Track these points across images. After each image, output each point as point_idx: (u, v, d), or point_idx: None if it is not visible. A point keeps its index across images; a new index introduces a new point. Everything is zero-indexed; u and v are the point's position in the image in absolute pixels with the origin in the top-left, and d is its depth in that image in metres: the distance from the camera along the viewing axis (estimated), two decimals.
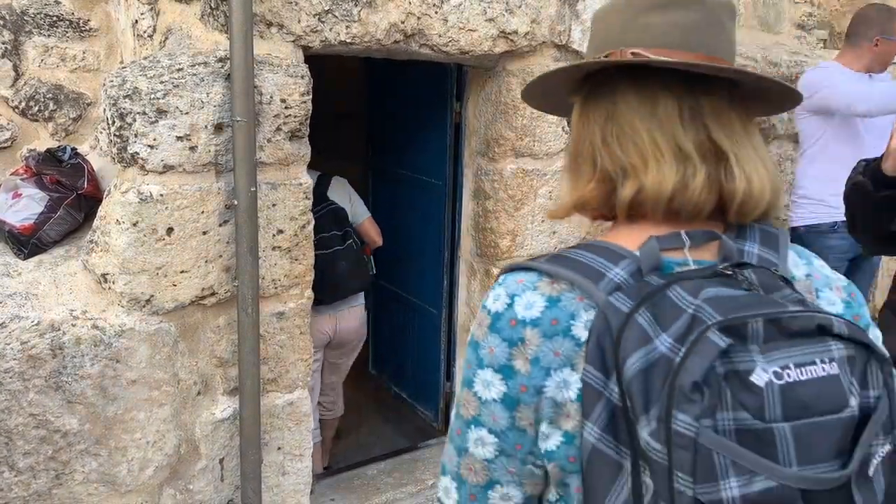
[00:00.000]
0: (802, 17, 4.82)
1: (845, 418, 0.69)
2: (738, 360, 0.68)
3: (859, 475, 0.69)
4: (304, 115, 2.27)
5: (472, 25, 2.57)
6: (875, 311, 4.73)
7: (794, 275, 0.86)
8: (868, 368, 0.72)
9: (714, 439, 0.66)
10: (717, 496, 0.65)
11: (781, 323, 0.70)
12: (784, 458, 0.67)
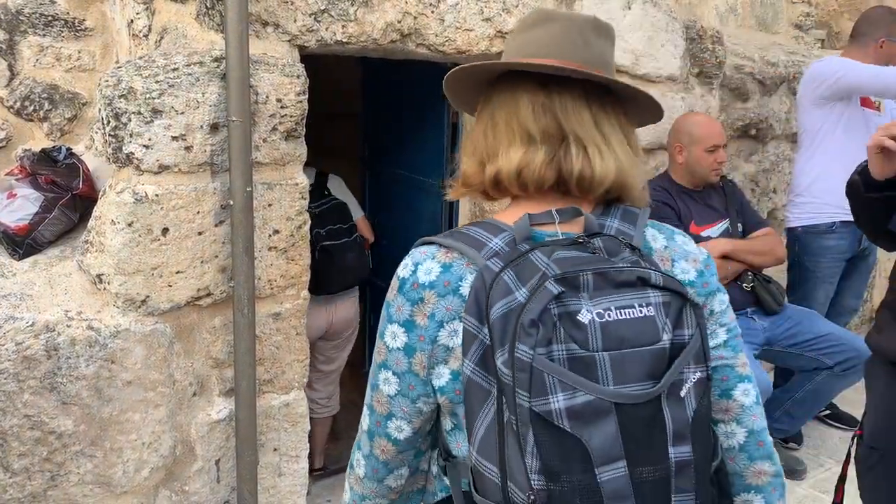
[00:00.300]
0: (800, 17, 4.82)
1: (656, 350, 0.88)
2: (570, 303, 0.87)
3: (670, 394, 0.89)
4: (299, 114, 2.27)
5: (469, 25, 2.56)
6: (872, 312, 4.73)
7: (651, 246, 1.05)
8: (683, 312, 0.91)
9: (545, 363, 0.85)
10: (547, 408, 0.85)
11: (608, 276, 0.89)
12: (603, 379, 0.86)
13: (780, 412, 2.95)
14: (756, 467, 1.04)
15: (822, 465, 3.19)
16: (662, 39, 3.17)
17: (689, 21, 3.32)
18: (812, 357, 2.85)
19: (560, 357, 0.86)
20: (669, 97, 3.26)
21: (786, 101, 3.85)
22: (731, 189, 3.18)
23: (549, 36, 1.04)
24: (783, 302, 3.01)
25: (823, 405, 3.07)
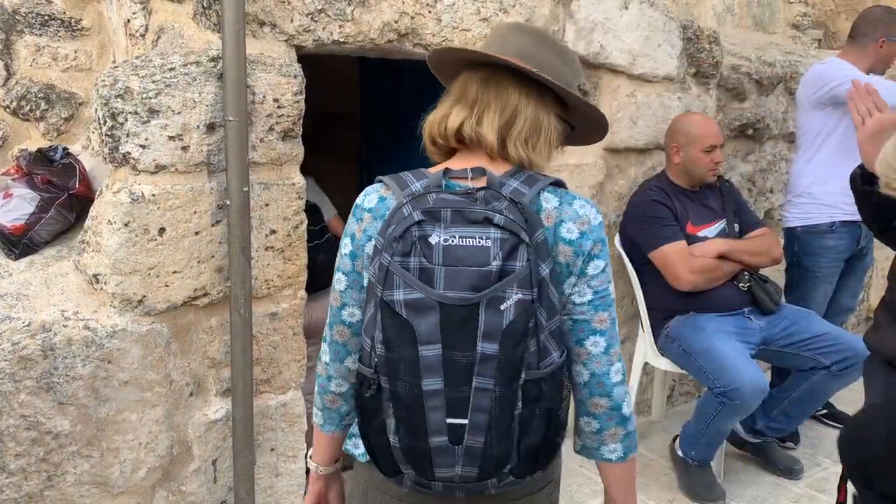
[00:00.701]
0: (797, 17, 4.83)
1: (484, 271, 1.15)
2: (427, 229, 1.17)
3: (489, 305, 1.14)
4: (296, 114, 2.26)
5: (466, 25, 2.57)
6: (868, 311, 4.74)
7: (543, 206, 1.28)
8: (517, 248, 1.15)
9: (397, 268, 1.16)
10: (391, 298, 1.16)
11: (463, 213, 1.18)
12: (437, 285, 1.15)
13: (777, 412, 2.96)
14: (594, 401, 1.31)
15: (819, 464, 3.20)
16: (659, 39, 3.17)
17: (685, 21, 3.32)
18: (809, 357, 2.85)
19: (413, 266, 1.16)
20: (666, 97, 3.26)
21: (783, 101, 3.85)
22: (728, 189, 3.18)
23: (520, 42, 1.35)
24: (780, 302, 3.02)
25: (820, 405, 3.08)
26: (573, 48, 2.89)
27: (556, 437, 1.26)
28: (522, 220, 1.17)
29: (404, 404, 1.18)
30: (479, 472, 1.19)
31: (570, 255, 1.26)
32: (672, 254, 2.88)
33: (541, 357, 1.18)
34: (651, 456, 3.22)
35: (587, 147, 3.07)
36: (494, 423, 1.16)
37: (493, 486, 1.22)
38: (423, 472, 1.20)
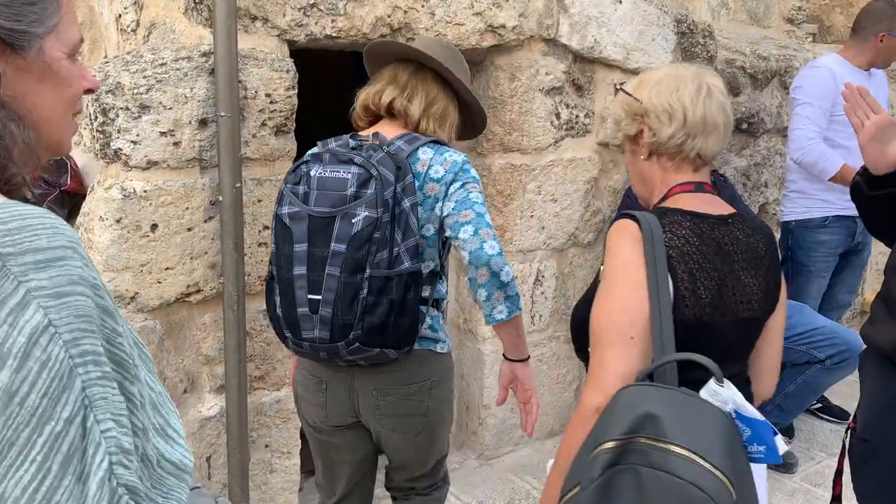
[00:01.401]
0: (792, 12, 4.82)
1: (341, 195, 1.61)
2: (312, 167, 1.67)
3: (343, 217, 1.60)
4: (289, 109, 2.25)
5: (460, 19, 2.56)
6: (863, 306, 4.74)
7: (419, 157, 1.72)
8: (369, 181, 1.60)
9: (288, 192, 1.67)
10: (281, 212, 1.66)
11: (338, 157, 1.66)
12: (310, 203, 1.63)
13: (772, 405, 2.96)
14: (478, 272, 1.66)
15: (814, 458, 3.20)
16: (653, 33, 3.16)
17: (680, 15, 3.32)
18: (804, 350, 2.86)
19: (301, 192, 1.65)
20: None
21: (777, 96, 3.85)
22: (723, 183, 3.18)
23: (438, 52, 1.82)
24: None
25: (815, 398, 3.08)
26: (567, 42, 2.89)
27: (401, 325, 1.64)
28: (392, 166, 1.63)
29: (283, 285, 1.66)
30: (330, 335, 1.62)
31: (437, 188, 1.71)
32: None
33: (392, 263, 1.60)
34: None
35: (582, 142, 3.07)
36: (339, 301, 1.60)
37: (344, 349, 1.63)
38: (296, 335, 1.67)
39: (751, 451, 1.23)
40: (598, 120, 3.11)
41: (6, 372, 0.64)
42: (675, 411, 1.15)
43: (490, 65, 2.83)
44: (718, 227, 1.41)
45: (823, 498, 2.87)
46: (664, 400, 1.18)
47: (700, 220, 1.40)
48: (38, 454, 0.65)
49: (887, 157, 1.58)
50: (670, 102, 1.42)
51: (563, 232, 3.09)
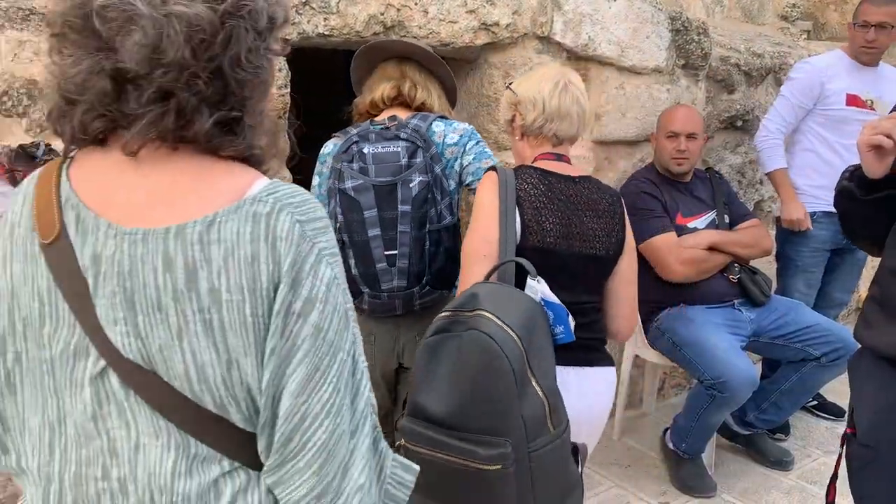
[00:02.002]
0: (786, 9, 4.82)
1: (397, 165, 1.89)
2: (362, 145, 1.91)
3: (403, 183, 1.87)
4: (282, 107, 2.24)
5: (453, 17, 2.54)
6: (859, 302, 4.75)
7: (434, 130, 1.99)
8: (416, 151, 1.90)
9: (345, 168, 1.89)
10: (344, 186, 1.88)
11: (382, 134, 1.92)
12: (370, 175, 1.88)
13: (768, 403, 2.95)
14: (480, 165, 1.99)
15: (810, 455, 3.20)
16: (648, 31, 3.15)
17: (674, 12, 3.31)
18: (799, 348, 2.85)
19: (356, 167, 1.88)
20: (655, 89, 3.25)
21: (772, 93, 3.85)
22: (718, 180, 3.17)
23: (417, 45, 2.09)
24: (770, 294, 3.01)
25: (810, 396, 3.08)
26: (561, 40, 2.88)
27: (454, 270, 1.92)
28: (420, 138, 1.90)
29: (358, 248, 1.89)
30: (407, 283, 1.89)
31: (456, 150, 1.99)
32: (662, 245, 2.88)
33: (439, 218, 1.90)
34: (642, 448, 3.22)
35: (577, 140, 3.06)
36: (413, 252, 1.88)
37: (418, 294, 1.91)
38: (374, 288, 1.90)
39: (556, 334, 1.64)
40: (593, 118, 3.11)
41: (315, 313, 0.82)
42: (493, 294, 1.56)
43: (484, 63, 2.82)
44: (566, 182, 1.85)
45: (819, 495, 2.87)
46: (489, 288, 1.60)
47: (550, 175, 1.84)
48: (333, 377, 0.83)
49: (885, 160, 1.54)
50: (534, 94, 1.87)
51: None
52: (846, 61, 3.23)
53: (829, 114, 3.22)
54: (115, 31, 0.79)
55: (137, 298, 0.81)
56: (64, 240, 0.82)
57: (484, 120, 2.88)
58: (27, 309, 0.84)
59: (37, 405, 0.86)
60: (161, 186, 0.84)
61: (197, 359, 0.81)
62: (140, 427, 0.83)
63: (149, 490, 0.83)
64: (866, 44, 3.13)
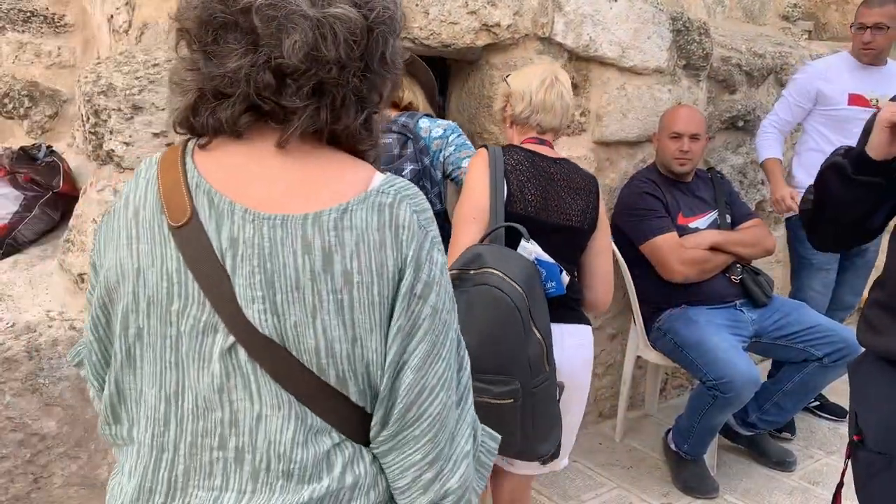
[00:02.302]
0: (787, 9, 4.82)
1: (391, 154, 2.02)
2: None
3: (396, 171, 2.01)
4: None
5: (454, 18, 2.54)
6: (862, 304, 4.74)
7: (421, 126, 2.12)
8: (407, 142, 2.04)
9: None
10: None
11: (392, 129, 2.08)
12: None
13: (770, 404, 2.95)
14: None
15: (812, 456, 3.19)
16: (649, 31, 3.15)
17: (675, 13, 3.31)
18: (801, 349, 2.85)
19: None
20: (656, 89, 3.25)
21: (773, 93, 3.84)
22: (720, 180, 3.17)
23: None
24: (771, 294, 3.01)
25: (813, 396, 3.07)
26: (562, 41, 2.88)
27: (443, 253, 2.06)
28: (409, 132, 2.02)
29: None
30: None
31: (441, 142, 2.12)
32: (663, 246, 2.87)
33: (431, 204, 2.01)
34: (644, 449, 3.21)
35: (578, 140, 3.06)
36: None
37: None
38: None
39: (547, 288, 1.85)
40: (594, 118, 3.10)
41: (433, 295, 0.91)
42: (495, 254, 1.79)
43: (485, 64, 2.82)
44: (547, 162, 2.07)
45: (822, 496, 2.87)
46: (490, 249, 1.82)
47: (534, 155, 2.06)
48: (446, 353, 0.92)
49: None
50: (523, 88, 2.07)
51: None
52: (850, 62, 3.25)
53: (832, 114, 3.23)
54: (276, 29, 0.85)
55: (277, 279, 0.86)
56: (196, 223, 0.88)
57: (485, 121, 2.88)
58: (154, 288, 0.89)
59: (155, 379, 0.92)
60: (298, 176, 0.90)
61: (327, 335, 0.87)
62: (263, 399, 0.88)
63: (267, 458, 0.89)
64: (864, 45, 3.17)
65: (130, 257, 0.91)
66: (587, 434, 3.35)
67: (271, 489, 0.89)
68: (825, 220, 1.68)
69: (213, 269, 0.87)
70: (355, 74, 0.89)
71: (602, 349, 3.41)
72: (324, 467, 0.91)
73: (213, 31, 0.87)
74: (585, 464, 3.08)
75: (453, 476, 0.93)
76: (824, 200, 1.65)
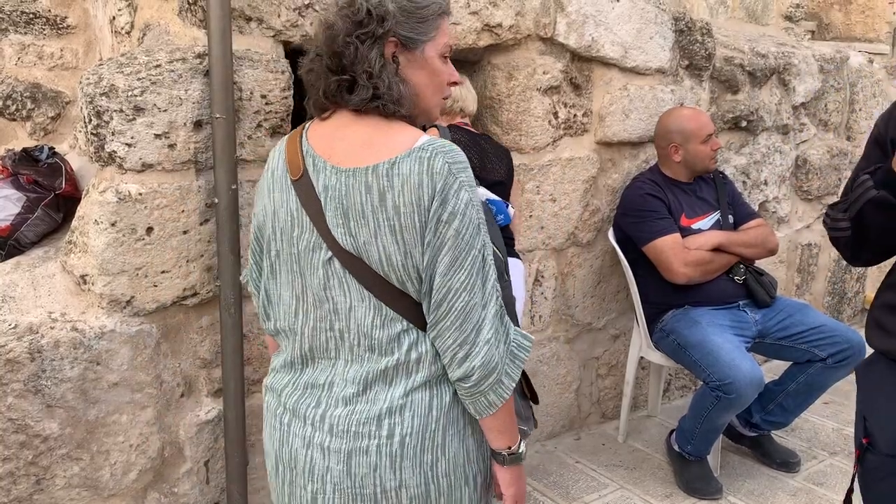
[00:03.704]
0: (790, 9, 4.81)
1: None
2: None
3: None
4: (284, 111, 2.24)
5: (456, 18, 2.54)
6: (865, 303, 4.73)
7: None
8: None
9: None
10: None
11: None
12: None
13: (773, 405, 2.94)
14: None
15: (816, 457, 3.18)
16: (651, 32, 3.15)
17: (677, 13, 3.30)
18: (805, 349, 2.84)
19: None
20: (659, 90, 3.24)
21: (776, 93, 3.83)
22: (722, 181, 3.16)
23: None
24: (775, 294, 3.00)
25: (817, 397, 3.06)
26: (564, 41, 2.87)
27: None
28: None
29: None
30: None
31: None
32: (666, 247, 2.87)
33: None
34: (647, 450, 3.21)
35: (580, 141, 3.06)
36: None
37: None
38: None
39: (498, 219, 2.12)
40: (597, 119, 3.10)
41: (456, 222, 1.22)
42: None
43: (487, 64, 2.82)
44: (476, 136, 2.57)
45: (826, 497, 2.86)
46: None
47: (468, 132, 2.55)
48: (468, 265, 1.24)
49: None
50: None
51: (562, 231, 3.07)
52: None
53: None
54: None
55: (350, 211, 1.24)
56: (306, 177, 1.29)
57: (487, 121, 2.88)
58: (283, 221, 1.31)
59: (287, 284, 1.34)
60: (364, 139, 1.28)
61: (386, 250, 1.24)
62: (352, 295, 1.28)
63: (357, 336, 1.29)
64: None
65: (271, 203, 1.33)
66: (590, 435, 3.34)
67: (362, 359, 1.30)
68: (869, 246, 1.61)
69: (316, 207, 1.27)
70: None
71: (605, 350, 3.40)
72: (395, 345, 1.28)
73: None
74: (588, 465, 3.07)
75: (477, 358, 1.25)
76: (866, 233, 1.58)
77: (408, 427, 1.29)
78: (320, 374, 1.33)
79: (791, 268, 4.22)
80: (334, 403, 1.31)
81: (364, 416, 1.29)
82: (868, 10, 5.20)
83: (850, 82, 4.33)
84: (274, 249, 1.34)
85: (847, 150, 4.34)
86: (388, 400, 1.28)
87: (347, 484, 1.30)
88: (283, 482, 1.37)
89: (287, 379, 1.38)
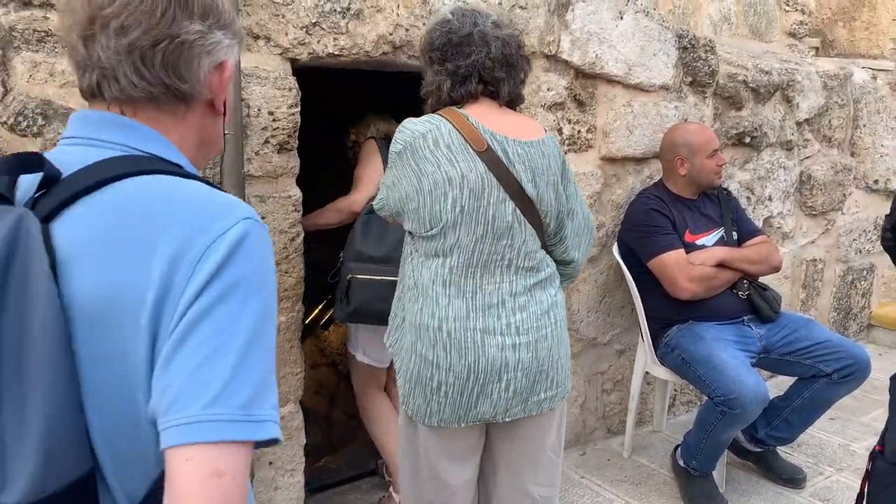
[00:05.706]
0: (794, 26, 4.84)
1: None
2: None
3: None
4: (292, 127, 2.27)
5: None
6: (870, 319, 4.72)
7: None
8: None
9: None
10: None
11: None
12: None
13: (779, 420, 2.94)
14: None
15: (822, 472, 3.17)
16: (655, 49, 3.18)
17: (681, 30, 3.33)
18: (810, 364, 2.84)
19: None
20: (663, 106, 3.27)
21: (780, 109, 3.85)
22: (726, 197, 3.18)
23: None
24: (779, 310, 3.00)
25: (822, 413, 3.06)
26: (568, 58, 2.90)
27: None
28: None
29: None
30: None
31: None
32: (671, 262, 2.88)
33: None
34: (653, 466, 3.20)
35: (585, 157, 3.08)
36: None
37: None
38: None
39: None
40: (601, 135, 3.12)
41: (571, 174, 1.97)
42: None
43: None
44: None
45: None
46: None
47: None
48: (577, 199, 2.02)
49: None
50: None
51: None
52: None
53: None
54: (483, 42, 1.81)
55: (534, 170, 1.77)
56: (489, 148, 1.73)
57: None
58: (474, 183, 1.71)
59: (468, 230, 1.73)
60: (516, 121, 1.82)
61: (549, 197, 1.81)
62: (525, 230, 1.79)
63: (523, 260, 1.80)
64: None
65: (456, 168, 1.70)
66: (596, 450, 3.34)
67: (526, 276, 1.81)
68: None
69: (503, 170, 1.73)
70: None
71: (610, 365, 3.41)
72: (543, 263, 1.86)
73: (452, 46, 1.79)
74: (594, 480, 3.07)
75: (577, 253, 1.96)
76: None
77: (560, 315, 1.87)
78: (490, 297, 1.76)
79: (796, 283, 4.23)
80: (511, 312, 1.77)
81: (537, 313, 1.80)
82: (872, 26, 5.22)
83: (854, 98, 4.35)
84: (458, 206, 1.70)
85: (851, 166, 4.35)
86: (547, 300, 1.83)
87: (535, 366, 1.79)
88: (473, 386, 1.75)
89: (461, 307, 1.75)
